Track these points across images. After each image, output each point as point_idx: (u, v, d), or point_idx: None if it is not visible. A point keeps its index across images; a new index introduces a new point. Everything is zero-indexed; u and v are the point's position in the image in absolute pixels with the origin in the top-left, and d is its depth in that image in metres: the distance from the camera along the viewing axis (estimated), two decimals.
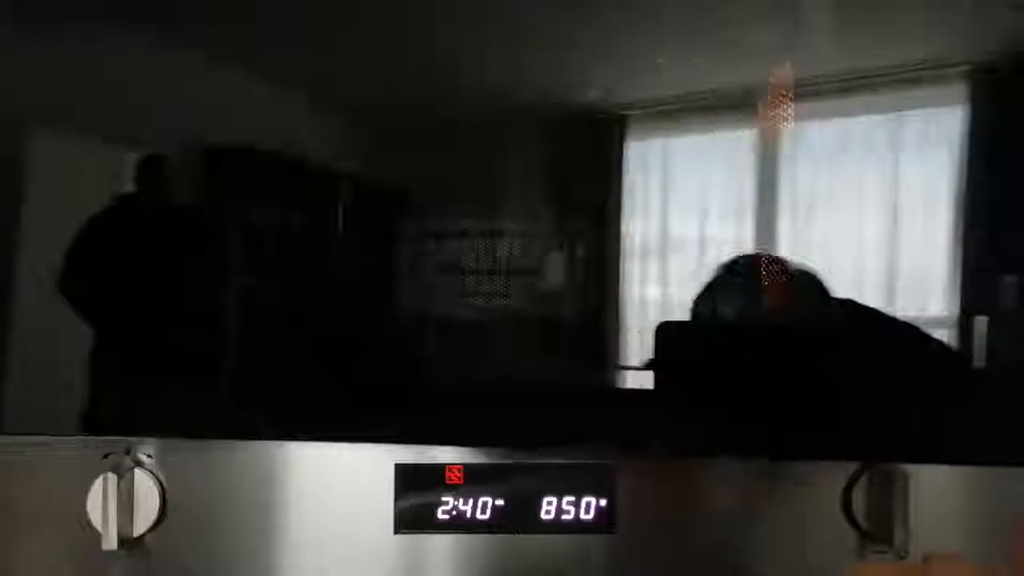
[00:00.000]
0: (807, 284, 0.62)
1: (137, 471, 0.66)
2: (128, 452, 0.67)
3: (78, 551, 0.66)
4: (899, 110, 0.62)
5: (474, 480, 0.67)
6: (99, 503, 0.64)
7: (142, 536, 0.66)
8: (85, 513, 0.65)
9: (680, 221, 0.67)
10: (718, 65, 0.67)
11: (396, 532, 0.67)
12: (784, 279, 0.62)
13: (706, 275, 0.65)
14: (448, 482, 0.67)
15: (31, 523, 0.67)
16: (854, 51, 0.63)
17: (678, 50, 0.67)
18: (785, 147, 0.63)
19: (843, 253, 0.62)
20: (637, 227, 0.68)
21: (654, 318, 0.68)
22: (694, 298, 0.65)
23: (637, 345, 0.68)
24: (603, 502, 0.67)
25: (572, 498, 0.67)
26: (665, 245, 0.68)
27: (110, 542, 0.63)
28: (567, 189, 0.71)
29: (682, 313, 0.66)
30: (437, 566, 0.67)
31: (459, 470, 0.68)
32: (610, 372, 0.71)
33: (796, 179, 0.63)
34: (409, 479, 0.67)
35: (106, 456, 0.66)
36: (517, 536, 0.67)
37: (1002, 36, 0.59)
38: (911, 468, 0.62)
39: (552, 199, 0.70)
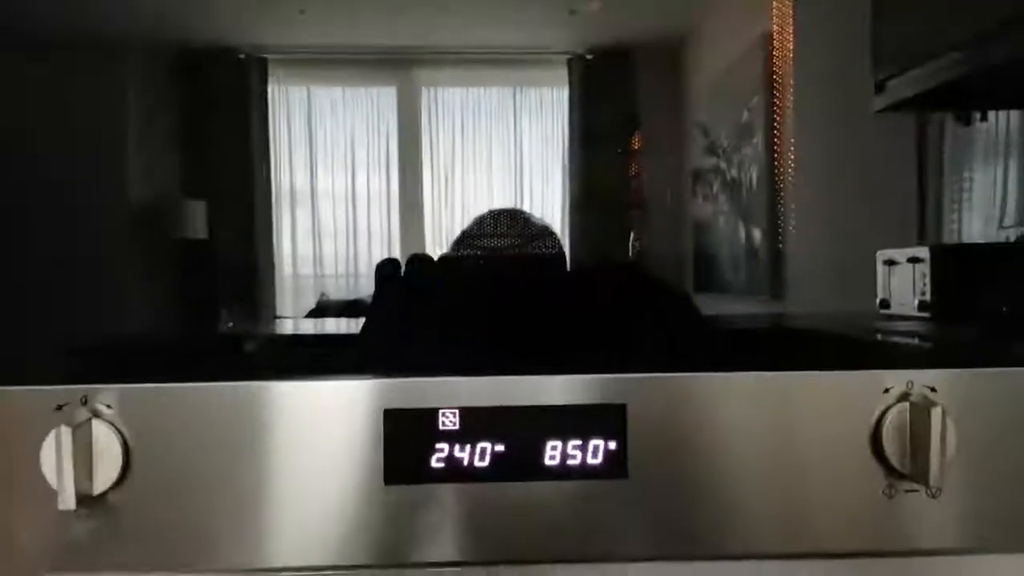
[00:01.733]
0: (547, 233, 0.78)
1: (95, 422, 0.59)
2: (84, 402, 0.60)
3: (35, 511, 0.59)
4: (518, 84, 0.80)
5: (471, 425, 0.62)
6: (53, 459, 0.57)
7: (104, 493, 0.59)
8: (40, 471, 0.58)
9: (326, 173, 0.79)
10: (363, 24, 0.78)
11: (387, 483, 0.61)
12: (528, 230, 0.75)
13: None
14: (442, 427, 0.62)
15: None
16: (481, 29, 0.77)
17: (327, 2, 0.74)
18: (426, 107, 0.76)
19: (480, 199, 0.79)
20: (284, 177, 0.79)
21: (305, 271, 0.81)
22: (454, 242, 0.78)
23: (291, 294, 0.79)
24: (612, 445, 0.62)
25: (578, 441, 0.62)
26: (314, 196, 0.79)
27: (67, 501, 0.57)
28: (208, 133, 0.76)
29: (333, 265, 0.77)
30: (433, 518, 0.61)
31: (454, 414, 0.62)
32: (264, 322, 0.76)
33: (436, 137, 0.77)
34: (399, 425, 0.61)
35: (59, 408, 0.59)
36: (520, 484, 0.61)
37: (590, 32, 0.75)
38: (946, 402, 0.58)
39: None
